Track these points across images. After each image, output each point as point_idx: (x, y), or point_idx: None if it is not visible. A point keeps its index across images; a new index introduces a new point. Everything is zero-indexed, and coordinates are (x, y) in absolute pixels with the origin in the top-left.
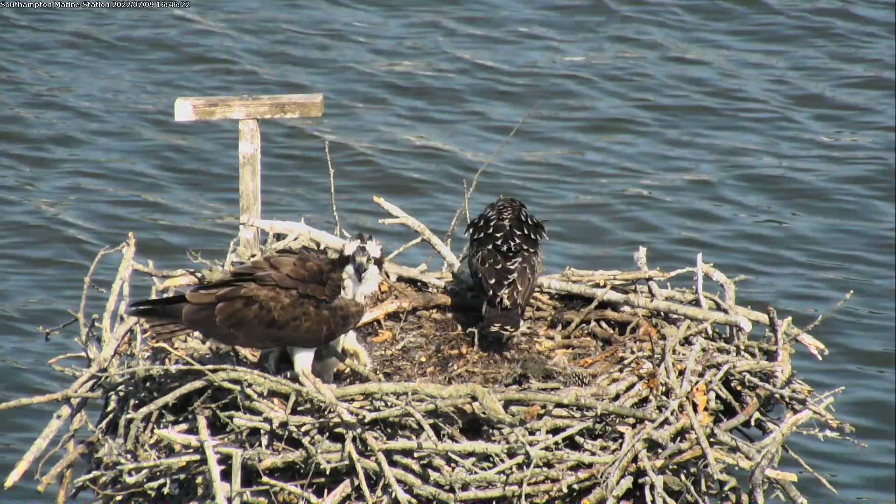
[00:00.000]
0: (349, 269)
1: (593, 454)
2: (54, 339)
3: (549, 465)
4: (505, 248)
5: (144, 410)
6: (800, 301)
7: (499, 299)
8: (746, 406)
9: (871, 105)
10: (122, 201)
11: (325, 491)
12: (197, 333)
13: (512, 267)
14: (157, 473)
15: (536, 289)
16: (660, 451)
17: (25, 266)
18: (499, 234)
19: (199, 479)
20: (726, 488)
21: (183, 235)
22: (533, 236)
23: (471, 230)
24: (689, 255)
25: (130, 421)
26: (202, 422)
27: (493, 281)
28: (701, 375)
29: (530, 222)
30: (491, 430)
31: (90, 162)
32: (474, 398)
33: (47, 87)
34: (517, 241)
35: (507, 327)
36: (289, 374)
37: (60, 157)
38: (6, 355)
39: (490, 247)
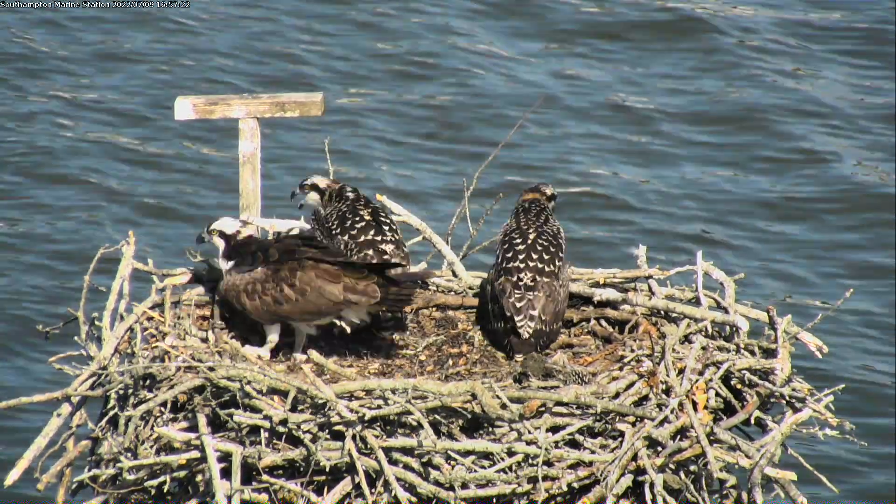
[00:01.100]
0: None
1: (593, 452)
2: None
3: (549, 463)
4: (524, 281)
5: (143, 408)
6: None
7: (522, 330)
8: (746, 404)
9: None
10: None
11: (325, 489)
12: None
13: (520, 305)
14: (157, 471)
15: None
16: (660, 449)
17: None
18: (521, 266)
19: (199, 477)
20: (728, 485)
21: None
22: (556, 263)
23: (499, 248)
24: None
25: (130, 419)
26: (202, 419)
27: (513, 313)
28: (701, 374)
29: (553, 242)
30: (491, 428)
31: None
32: (473, 396)
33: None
34: (534, 274)
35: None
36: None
37: None
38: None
39: (514, 278)
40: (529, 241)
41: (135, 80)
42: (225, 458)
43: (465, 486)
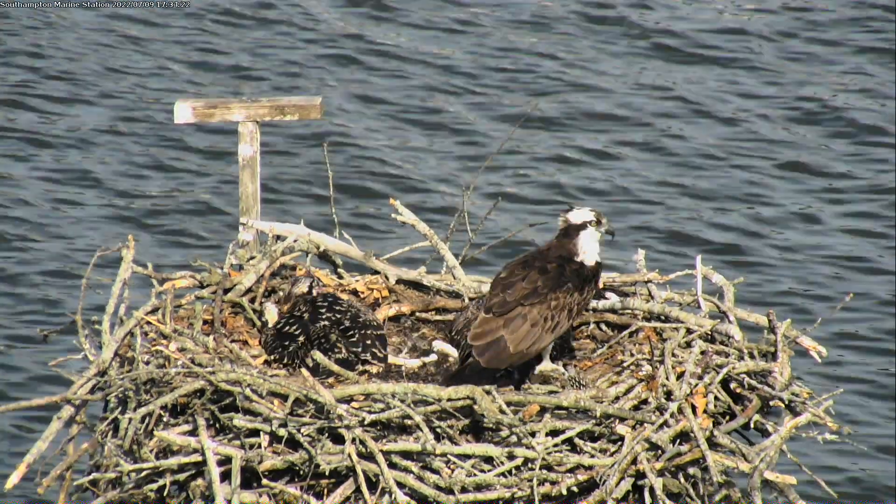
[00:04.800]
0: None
1: (593, 456)
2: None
3: (548, 467)
4: None
5: (143, 411)
6: None
7: None
8: (746, 408)
9: None
10: None
11: (326, 492)
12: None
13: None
14: (157, 475)
15: None
16: (659, 453)
17: None
18: None
19: (199, 481)
20: (736, 488)
21: None
22: None
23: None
24: None
25: (130, 422)
26: (202, 423)
27: None
28: (700, 378)
29: None
30: (492, 432)
31: None
32: (473, 400)
33: None
34: None
35: None
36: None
37: None
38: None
39: None
40: None
41: None
42: (225, 461)
43: (464, 489)
